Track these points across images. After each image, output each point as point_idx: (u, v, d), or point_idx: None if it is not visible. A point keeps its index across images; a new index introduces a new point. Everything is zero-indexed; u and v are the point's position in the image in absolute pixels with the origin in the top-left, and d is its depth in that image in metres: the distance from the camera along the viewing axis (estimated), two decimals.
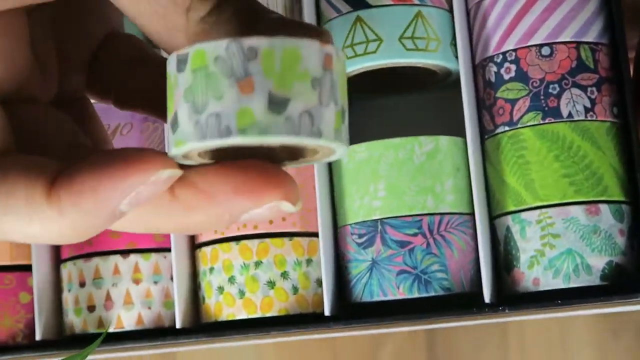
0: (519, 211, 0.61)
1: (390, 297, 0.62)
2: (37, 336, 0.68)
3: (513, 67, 0.62)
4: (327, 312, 0.63)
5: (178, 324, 0.65)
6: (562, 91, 0.61)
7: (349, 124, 0.28)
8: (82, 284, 0.68)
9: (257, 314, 0.64)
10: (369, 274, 0.63)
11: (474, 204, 0.63)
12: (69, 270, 0.68)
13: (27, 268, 0.70)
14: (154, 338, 0.66)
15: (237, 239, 0.65)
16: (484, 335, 0.75)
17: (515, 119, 0.62)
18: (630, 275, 0.60)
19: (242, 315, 0.64)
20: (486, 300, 0.61)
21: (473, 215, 0.63)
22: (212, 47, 0.27)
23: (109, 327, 0.66)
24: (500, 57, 0.63)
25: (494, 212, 0.63)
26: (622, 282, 0.60)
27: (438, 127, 0.68)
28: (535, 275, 0.60)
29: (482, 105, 0.64)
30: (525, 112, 0.61)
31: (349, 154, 0.64)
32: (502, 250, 0.62)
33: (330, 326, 0.63)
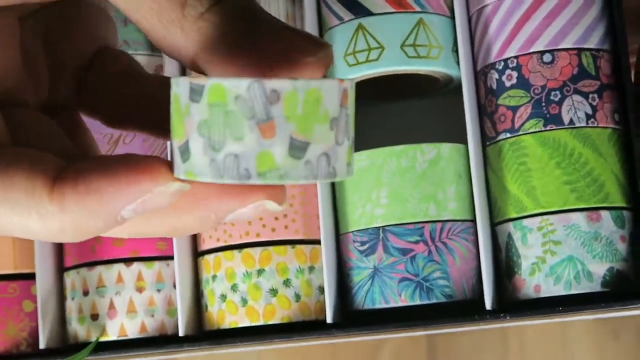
0: (520, 218, 0.61)
1: (392, 304, 0.62)
2: (41, 344, 0.68)
3: (515, 74, 0.62)
4: (329, 320, 0.63)
5: (181, 331, 0.66)
6: (563, 98, 0.61)
7: None
8: (85, 293, 0.68)
9: (260, 322, 0.64)
10: (371, 281, 0.63)
11: (475, 211, 0.63)
12: (73, 279, 0.68)
13: (30, 276, 0.70)
14: (157, 346, 0.66)
15: (240, 247, 0.65)
16: (484, 337, 0.75)
17: (516, 125, 0.62)
18: (631, 282, 0.60)
19: (244, 323, 0.64)
20: (487, 307, 0.61)
21: (475, 222, 0.63)
22: (232, 85, 0.26)
23: (100, 337, 0.66)
24: (502, 64, 0.63)
25: (495, 218, 0.63)
26: (623, 289, 0.60)
27: (440, 134, 0.68)
28: (536, 282, 0.60)
29: (484, 112, 0.64)
30: (527, 119, 0.62)
31: None
32: (504, 257, 0.62)
33: (332, 333, 0.63)
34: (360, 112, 0.72)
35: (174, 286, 0.68)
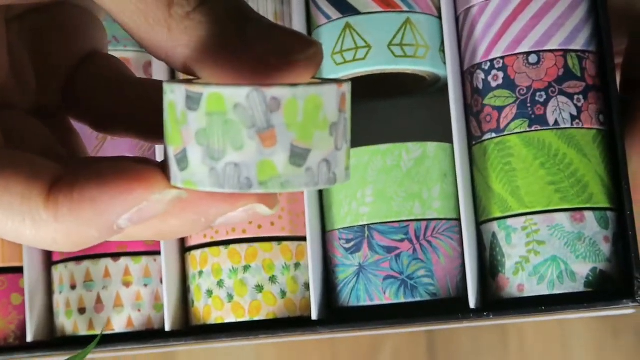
0: (504, 217, 0.62)
1: (377, 302, 0.63)
2: (28, 338, 0.69)
3: (500, 74, 0.63)
4: (314, 316, 0.63)
5: (167, 326, 0.66)
6: (548, 99, 0.62)
7: None
8: (73, 287, 0.68)
9: (245, 318, 0.64)
10: (356, 278, 0.63)
11: (460, 210, 0.63)
12: (60, 273, 0.69)
13: (19, 270, 0.70)
14: (143, 340, 0.66)
15: (226, 243, 0.65)
16: (484, 336, 0.75)
17: (502, 126, 0.62)
18: (614, 282, 0.61)
19: (230, 318, 0.65)
20: (471, 305, 0.61)
21: (459, 221, 0.64)
22: (231, 93, 0.26)
23: (103, 329, 0.67)
24: (488, 64, 0.63)
25: (480, 218, 0.64)
26: (606, 289, 0.60)
27: (426, 133, 0.69)
28: (520, 282, 0.61)
29: (470, 111, 0.64)
30: (512, 120, 0.62)
31: None
32: (488, 256, 0.63)
33: (317, 330, 0.63)
34: None
35: (161, 281, 0.68)
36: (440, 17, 0.66)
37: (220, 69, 0.27)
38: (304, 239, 0.66)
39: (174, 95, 0.27)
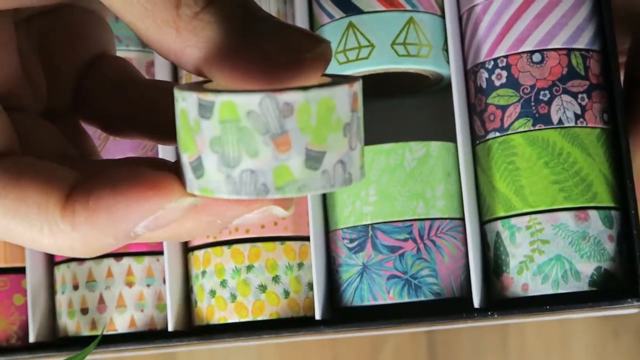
0: (508, 217, 0.62)
1: (381, 301, 0.63)
2: (31, 338, 0.69)
3: (504, 73, 0.62)
4: (317, 316, 0.63)
5: (170, 326, 0.66)
6: (552, 98, 0.61)
7: None
8: (75, 287, 0.68)
9: (249, 318, 0.64)
10: (359, 278, 0.63)
11: (464, 210, 0.63)
12: (63, 273, 0.69)
13: (21, 270, 0.70)
14: (146, 341, 0.66)
15: (229, 243, 0.65)
16: (484, 336, 0.75)
17: (505, 125, 0.62)
18: (618, 281, 0.60)
19: (233, 318, 0.64)
20: (475, 305, 0.61)
21: (463, 221, 0.64)
22: (243, 101, 0.26)
23: (104, 330, 0.67)
24: (492, 63, 0.63)
25: (484, 217, 0.63)
26: (611, 288, 0.60)
27: (429, 132, 0.69)
28: (524, 281, 0.61)
29: (473, 111, 0.64)
30: (516, 119, 0.62)
31: None
32: (492, 256, 0.63)
33: (320, 330, 0.63)
34: None
35: (164, 281, 0.68)
36: (443, 16, 0.66)
37: (229, 69, 0.27)
38: (307, 238, 0.65)
39: (185, 103, 0.27)
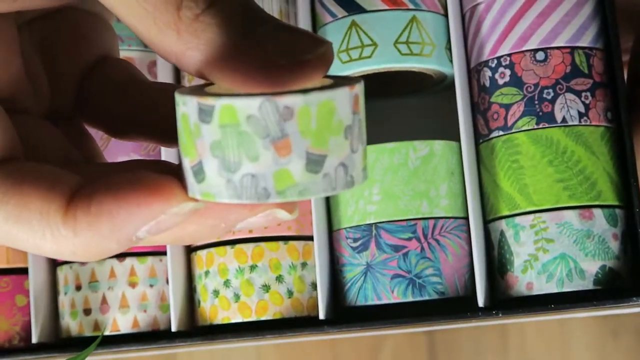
0: (513, 215, 0.62)
1: (385, 300, 0.62)
2: (34, 339, 0.68)
3: (507, 72, 0.62)
4: (321, 316, 0.63)
5: (174, 327, 0.66)
6: (556, 96, 0.61)
7: None
8: (78, 287, 0.68)
9: (252, 318, 0.64)
10: (363, 277, 0.63)
11: (468, 209, 0.63)
12: (65, 274, 0.68)
13: (23, 271, 0.70)
14: (149, 341, 0.66)
15: (232, 242, 0.65)
16: (484, 335, 0.75)
17: (509, 123, 0.62)
18: (623, 280, 0.60)
19: (237, 318, 0.64)
20: (480, 304, 0.61)
21: (467, 220, 0.63)
22: (243, 105, 0.25)
23: (105, 330, 0.67)
24: (495, 61, 0.63)
25: (488, 216, 0.63)
26: (615, 287, 0.60)
27: (433, 131, 0.69)
28: (529, 280, 0.61)
29: (477, 109, 0.64)
30: (520, 117, 0.62)
31: None
32: (496, 255, 0.63)
33: (324, 330, 0.63)
34: None
35: (167, 281, 0.68)
36: (446, 15, 0.66)
37: (230, 71, 0.27)
38: (310, 238, 0.65)
39: (186, 108, 0.27)
